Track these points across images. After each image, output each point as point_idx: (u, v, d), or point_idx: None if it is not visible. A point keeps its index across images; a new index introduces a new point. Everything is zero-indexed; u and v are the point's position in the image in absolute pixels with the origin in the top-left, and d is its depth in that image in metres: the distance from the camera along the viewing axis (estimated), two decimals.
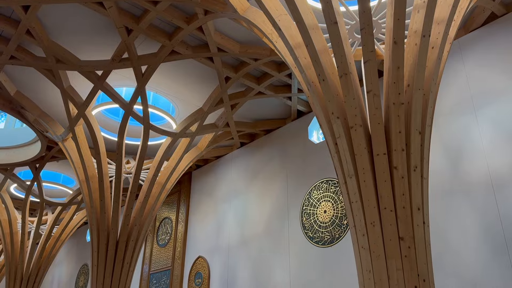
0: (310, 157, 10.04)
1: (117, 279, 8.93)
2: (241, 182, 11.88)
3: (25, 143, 12.41)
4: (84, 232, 18.76)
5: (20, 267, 13.77)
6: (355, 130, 4.76)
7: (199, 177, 13.58)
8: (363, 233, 4.48)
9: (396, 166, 4.55)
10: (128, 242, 9.24)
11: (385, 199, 4.44)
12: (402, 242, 4.27)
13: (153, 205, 9.79)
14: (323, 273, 8.71)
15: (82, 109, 8.89)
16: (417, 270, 4.17)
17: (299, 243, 9.50)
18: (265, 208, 10.73)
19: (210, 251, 11.89)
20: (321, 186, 9.51)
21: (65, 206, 14.23)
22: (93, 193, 9.29)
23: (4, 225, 14.07)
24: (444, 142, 7.58)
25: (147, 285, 13.43)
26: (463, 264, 6.61)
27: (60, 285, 19.54)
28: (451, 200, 7.12)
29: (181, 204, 13.60)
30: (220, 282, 11.13)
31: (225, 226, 11.77)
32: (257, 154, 11.68)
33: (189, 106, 10.13)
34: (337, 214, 8.93)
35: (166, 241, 13.54)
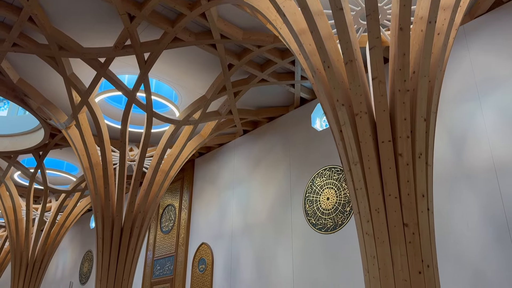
0: (313, 144, 10.05)
1: (122, 265, 9.03)
2: (244, 169, 11.92)
3: (28, 131, 12.43)
4: (88, 219, 18.92)
5: (25, 254, 13.92)
6: (360, 117, 4.75)
7: (202, 165, 13.62)
8: (367, 220, 4.51)
9: (401, 153, 4.56)
10: (132, 228, 9.32)
11: (390, 186, 4.46)
12: (406, 228, 4.30)
13: (157, 192, 9.85)
14: (326, 259, 8.79)
15: (85, 96, 8.88)
16: (421, 256, 4.21)
17: (302, 229, 9.57)
18: (268, 196, 10.79)
19: (213, 238, 11.99)
20: (324, 173, 9.54)
21: (69, 194, 14.31)
22: (97, 180, 9.34)
23: (8, 212, 14.18)
24: (448, 128, 7.57)
25: (151, 271, 13.59)
26: (465, 250, 6.67)
27: (64, 271, 19.78)
28: (453, 186, 7.14)
29: (184, 191, 13.67)
30: (224, 268, 11.25)
31: (228, 213, 11.85)
32: (260, 142, 11.69)
33: (192, 94, 10.11)
34: (340, 201, 8.97)
35: (170, 228, 13.65)
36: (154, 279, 13.35)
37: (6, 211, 14.24)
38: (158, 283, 13.14)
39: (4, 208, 14.27)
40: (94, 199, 9.33)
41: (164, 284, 12.85)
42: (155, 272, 13.48)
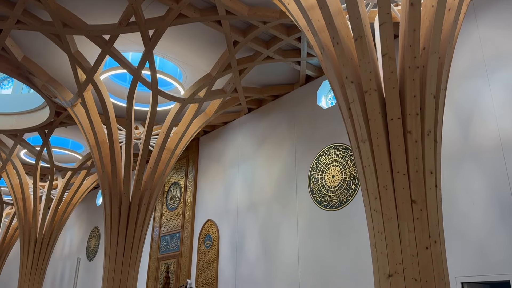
0: (318, 122, 10.04)
1: (130, 241, 9.19)
2: (249, 147, 11.96)
3: (33, 109, 12.45)
4: (94, 197, 19.14)
5: (33, 230, 14.16)
6: (370, 94, 4.73)
7: (207, 143, 13.66)
8: (375, 196, 4.55)
9: (410, 130, 4.56)
10: (140, 205, 9.43)
11: (398, 163, 4.48)
12: (414, 205, 4.34)
13: (163, 170, 9.92)
14: (331, 235, 8.92)
15: (91, 74, 8.85)
16: (428, 232, 4.26)
17: (307, 206, 9.67)
18: (273, 173, 10.85)
19: (219, 215, 12.14)
20: (330, 151, 9.56)
21: (75, 171, 14.43)
22: (104, 158, 9.40)
23: (16, 190, 14.35)
24: (455, 105, 7.54)
25: (158, 247, 13.83)
26: (471, 226, 6.74)
27: (71, 247, 20.15)
28: (460, 163, 7.16)
29: (189, 169, 13.77)
30: (229, 244, 11.43)
31: (233, 190, 11.96)
32: (265, 120, 11.68)
33: (196, 71, 10.05)
34: (345, 179, 9.02)
35: (176, 205, 13.81)
36: (161, 255, 13.60)
37: (13, 189, 14.41)
38: (165, 259, 13.39)
39: (12, 186, 14.43)
40: (102, 176, 9.42)
41: (171, 259, 13.09)
42: (161, 248, 13.72)
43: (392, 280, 4.17)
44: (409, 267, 4.12)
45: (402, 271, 4.13)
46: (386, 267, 4.25)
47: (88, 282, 17.60)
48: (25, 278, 13.98)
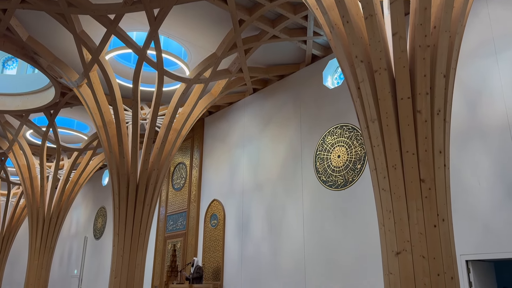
0: (324, 102, 10.02)
1: (138, 220, 9.32)
2: (254, 128, 11.97)
3: (38, 90, 12.45)
4: (99, 177, 19.31)
5: (41, 210, 14.35)
6: (379, 74, 4.71)
7: (212, 123, 13.68)
8: (384, 176, 4.59)
9: (420, 110, 4.55)
10: (147, 185, 9.53)
11: (408, 142, 4.50)
12: (423, 184, 4.38)
13: (170, 150, 9.98)
14: (336, 215, 9.01)
15: (96, 54, 8.81)
16: (436, 210, 4.31)
17: (312, 186, 9.74)
18: (279, 153, 10.90)
19: (224, 195, 12.26)
20: (335, 131, 9.57)
21: (81, 152, 14.52)
22: (111, 138, 9.44)
23: (23, 170, 14.49)
24: (463, 84, 7.50)
25: (164, 226, 14.03)
26: (476, 205, 6.80)
27: (78, 226, 20.45)
28: (466, 142, 7.18)
29: (195, 149, 13.83)
30: (235, 223, 11.58)
31: (239, 170, 12.04)
32: (270, 100, 11.66)
33: (201, 51, 9.99)
34: (351, 159, 9.06)
35: (181, 185, 13.93)
36: (168, 234, 13.80)
37: (20, 169, 14.54)
38: (171, 237, 13.60)
39: (19, 166, 14.56)
40: (109, 157, 9.48)
41: (178, 238, 13.30)
42: (168, 227, 13.92)
43: (400, 257, 4.24)
44: (417, 245, 4.19)
45: (410, 249, 4.20)
46: (394, 245, 4.32)
47: (96, 261, 17.94)
48: (34, 257, 14.26)
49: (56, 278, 20.46)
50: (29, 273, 14.18)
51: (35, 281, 14.07)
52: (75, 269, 19.33)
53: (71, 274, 19.59)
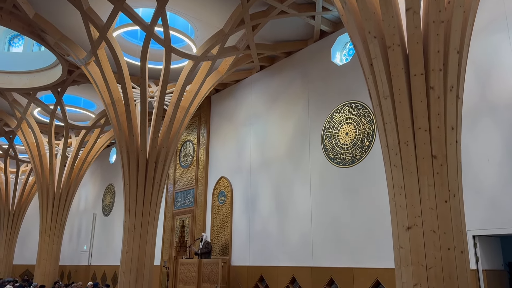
0: (333, 79, 9.96)
1: (148, 197, 9.46)
2: (261, 105, 11.97)
3: (45, 67, 12.44)
4: (107, 154, 19.47)
5: (51, 187, 14.56)
6: (393, 50, 4.68)
7: (219, 101, 13.68)
8: (396, 152, 4.62)
9: (433, 86, 4.54)
10: (157, 163, 9.62)
11: (420, 119, 4.51)
12: (435, 160, 4.41)
13: (178, 128, 10.02)
14: (344, 192, 9.10)
15: (104, 31, 8.76)
16: (448, 186, 4.36)
17: (319, 164, 9.80)
18: (286, 131, 10.92)
19: (232, 172, 12.37)
20: (344, 109, 9.56)
21: (89, 130, 14.61)
22: (120, 116, 9.49)
23: (32, 148, 14.63)
24: (473, 60, 7.42)
25: (173, 202, 14.23)
26: (484, 181, 6.84)
27: (87, 203, 20.77)
28: (477, 118, 7.16)
29: (202, 127, 13.88)
30: (243, 200, 11.73)
31: (246, 148, 12.10)
32: (277, 77, 11.60)
33: (208, 27, 9.89)
34: (359, 136, 9.08)
35: (189, 163, 14.05)
36: (176, 210, 14.01)
37: (29, 147, 14.68)
38: (180, 214, 13.81)
39: (28, 144, 14.69)
40: (118, 135, 9.55)
41: (186, 214, 13.51)
42: (176, 204, 14.12)
43: (411, 232, 4.32)
44: (428, 220, 4.26)
45: (421, 224, 4.27)
46: (405, 220, 4.39)
47: (105, 236, 18.30)
48: (45, 233, 14.56)
49: (66, 253, 20.91)
50: (41, 249, 14.51)
51: (47, 256, 14.42)
52: (85, 245, 19.74)
53: (81, 250, 20.02)
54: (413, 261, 4.22)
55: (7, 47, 13.31)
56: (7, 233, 18.99)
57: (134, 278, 8.94)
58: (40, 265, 14.35)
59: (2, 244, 18.83)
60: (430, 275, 4.09)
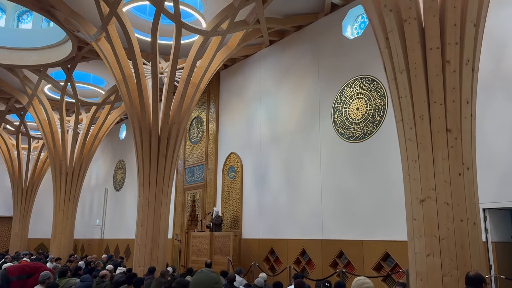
0: (344, 53, 9.89)
1: (161, 172, 9.62)
2: (271, 80, 11.94)
3: (54, 44, 12.44)
4: (116, 131, 19.64)
5: (64, 163, 14.80)
6: (409, 23, 4.66)
7: (227, 77, 13.65)
8: (410, 126, 4.66)
9: (449, 60, 4.54)
10: (169, 138, 9.73)
11: (436, 93, 4.53)
12: (449, 133, 4.46)
13: (189, 104, 10.08)
14: (354, 166, 9.18)
15: (114, 6, 8.71)
16: (462, 159, 4.42)
17: (330, 139, 9.85)
18: (296, 106, 10.93)
19: (241, 148, 12.48)
20: (355, 83, 9.53)
21: (100, 106, 14.71)
22: (132, 92, 9.54)
23: (44, 124, 14.80)
24: (487, 33, 7.31)
25: (183, 178, 14.43)
26: (496, 155, 6.87)
27: (98, 179, 21.10)
28: (490, 92, 7.13)
29: (211, 103, 13.91)
30: (253, 175, 11.87)
31: (255, 123, 12.16)
32: (287, 52, 11.53)
33: (217, 2, 9.78)
34: (370, 111, 9.09)
35: (199, 139, 14.17)
36: (187, 185, 14.23)
37: (41, 123, 14.84)
38: (190, 189, 14.04)
39: (39, 120, 14.85)
40: (130, 111, 9.63)
41: (197, 189, 13.72)
42: (187, 179, 14.32)
43: (425, 204, 4.41)
44: (441, 192, 4.34)
45: (435, 196, 4.35)
46: (419, 193, 4.48)
47: (117, 211, 18.67)
48: (59, 207, 14.90)
49: (79, 228, 21.40)
50: (56, 223, 14.88)
51: (61, 230, 14.80)
52: (97, 219, 20.18)
53: (93, 224, 20.48)
54: (426, 232, 4.33)
55: (16, 24, 13.29)
56: (22, 208, 19.44)
57: (149, 250, 9.21)
58: (55, 239, 14.75)
59: (17, 219, 19.31)
60: (442, 246, 4.21)
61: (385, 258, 8.34)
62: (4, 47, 12.50)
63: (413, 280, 4.40)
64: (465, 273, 4.04)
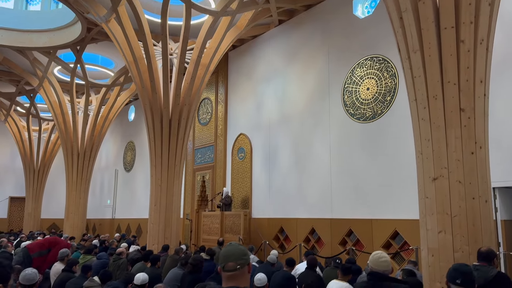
0: (354, 33, 9.83)
1: (173, 153, 9.76)
2: (280, 61, 11.92)
3: (63, 26, 12.46)
4: (125, 113, 19.77)
5: (75, 144, 15.00)
6: (423, 2, 4.65)
7: (236, 58, 13.63)
8: (424, 106, 4.71)
9: (463, 39, 4.54)
10: (180, 119, 9.83)
11: (450, 72, 4.55)
12: (462, 113, 4.50)
13: (199, 85, 10.13)
14: (364, 146, 9.25)
15: None
16: (475, 138, 4.47)
17: (339, 119, 9.89)
18: (306, 87, 10.94)
19: (251, 129, 12.55)
20: (365, 63, 9.50)
21: (109, 87, 14.79)
22: (143, 74, 9.60)
23: (55, 106, 14.94)
24: (501, 12, 7.24)
25: (193, 158, 14.59)
26: (506, 134, 6.90)
27: (108, 160, 21.37)
28: (501, 71, 7.11)
29: (219, 84, 13.94)
30: (262, 156, 11.98)
31: (264, 105, 12.19)
32: (297, 32, 11.47)
33: None
34: (381, 91, 9.09)
35: (207, 120, 14.26)
36: (196, 166, 14.41)
37: (52, 105, 14.99)
38: (200, 170, 14.21)
39: (50, 102, 14.99)
40: (141, 92, 9.71)
41: (206, 170, 13.89)
42: (196, 160, 14.49)
43: (437, 182, 4.49)
44: (454, 171, 4.41)
45: (447, 175, 4.43)
46: (431, 171, 4.56)
47: (127, 191, 18.97)
48: (72, 188, 15.18)
49: (91, 208, 21.74)
50: (69, 203, 15.19)
51: (74, 210, 15.11)
52: (108, 199, 20.53)
53: (104, 204, 20.84)
54: (438, 210, 4.43)
55: (24, 5, 13.29)
56: (34, 189, 19.79)
57: (162, 229, 9.43)
58: (68, 219, 15.08)
59: (30, 199, 19.69)
60: (454, 223, 4.30)
61: (394, 236, 8.49)
62: (13, 29, 12.55)
63: (425, 256, 4.52)
64: (476, 249, 4.15)
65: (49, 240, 7.70)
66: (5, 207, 22.58)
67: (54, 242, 7.57)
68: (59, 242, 7.67)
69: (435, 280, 4.33)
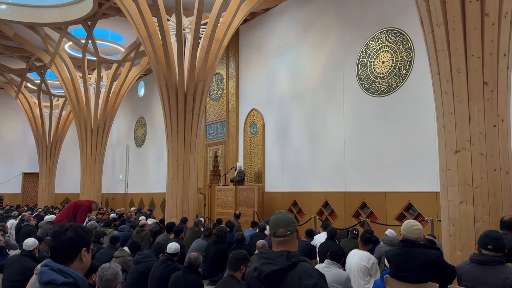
0: (369, 5, 9.73)
1: (189, 128, 9.88)
2: (293, 35, 11.84)
3: (75, 1, 12.38)
4: (135, 88, 19.83)
5: (88, 120, 15.16)
6: None
7: (247, 32, 13.54)
8: (447, 80, 4.75)
9: (488, 13, 4.54)
10: (195, 95, 9.90)
11: (474, 46, 4.58)
12: (485, 86, 4.55)
13: (213, 60, 10.14)
14: (379, 121, 9.31)
15: None
16: (497, 111, 4.54)
17: (353, 93, 9.92)
18: (319, 61, 10.91)
19: (263, 104, 12.60)
20: (380, 36, 9.45)
21: (120, 63, 14.81)
22: (157, 49, 9.61)
23: (67, 82, 15.02)
24: None
25: (205, 134, 14.73)
26: None
27: (119, 136, 21.58)
28: None
29: (231, 59, 13.90)
30: (275, 131, 12.08)
31: (277, 79, 12.20)
32: (310, 4, 11.34)
33: None
34: (396, 64, 9.08)
35: (219, 96, 14.30)
36: (208, 141, 14.56)
37: (64, 81, 15.07)
38: (212, 145, 14.37)
39: (62, 78, 15.06)
40: (156, 68, 9.75)
41: (218, 145, 14.05)
42: (208, 136, 14.63)
43: (459, 155, 4.60)
44: (476, 144, 4.50)
45: (470, 147, 4.52)
46: (453, 144, 4.65)
47: (139, 166, 19.25)
48: (86, 163, 15.44)
49: (104, 183, 22.11)
50: (84, 178, 15.48)
51: (89, 184, 15.41)
52: (120, 175, 20.85)
53: (116, 179, 21.18)
54: (460, 181, 4.54)
55: None
56: (47, 165, 20.12)
57: (180, 202, 9.66)
58: (84, 193, 15.39)
59: (43, 175, 20.04)
60: (476, 194, 4.43)
61: (408, 209, 8.66)
62: (24, 4, 12.50)
63: (445, 226, 4.67)
64: (497, 219, 4.29)
65: (70, 207, 7.91)
66: (19, 183, 23.01)
67: (76, 207, 7.81)
68: (79, 205, 7.89)
69: (455, 249, 4.50)
